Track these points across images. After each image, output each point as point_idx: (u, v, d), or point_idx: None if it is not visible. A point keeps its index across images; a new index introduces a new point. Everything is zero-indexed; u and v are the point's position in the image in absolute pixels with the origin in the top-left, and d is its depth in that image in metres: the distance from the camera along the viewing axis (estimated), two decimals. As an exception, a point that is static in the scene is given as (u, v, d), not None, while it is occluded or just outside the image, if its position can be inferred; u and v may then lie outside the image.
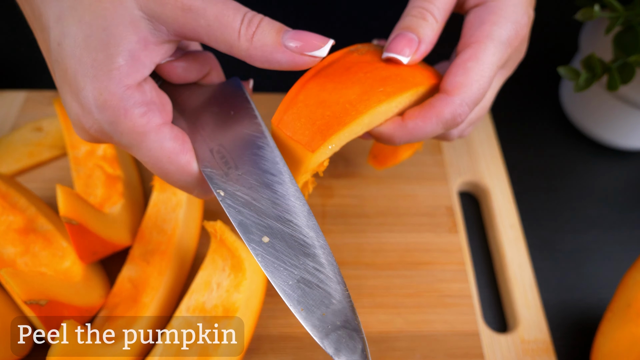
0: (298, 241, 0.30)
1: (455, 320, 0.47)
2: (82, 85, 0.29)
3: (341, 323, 0.28)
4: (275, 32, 0.30)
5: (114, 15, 0.29)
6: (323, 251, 0.30)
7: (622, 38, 0.46)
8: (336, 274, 0.30)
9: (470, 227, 0.55)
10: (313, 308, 0.28)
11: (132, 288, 0.45)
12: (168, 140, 0.31)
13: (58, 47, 0.30)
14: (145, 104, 0.30)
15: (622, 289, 0.44)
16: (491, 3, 0.36)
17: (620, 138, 0.59)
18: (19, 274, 0.39)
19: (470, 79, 0.35)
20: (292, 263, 0.29)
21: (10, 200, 0.46)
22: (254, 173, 0.31)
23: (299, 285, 0.29)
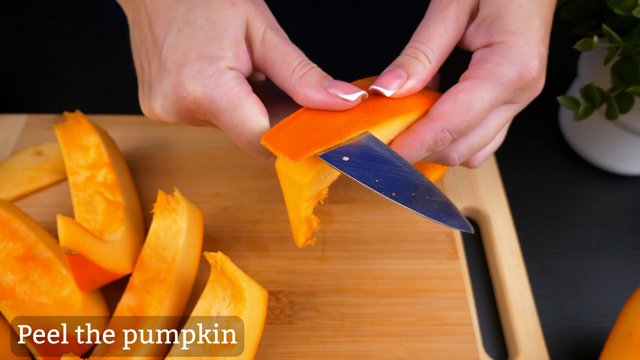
0: (373, 156, 0.35)
1: (456, 349, 0.47)
2: (194, 58, 0.36)
3: (430, 197, 0.33)
4: (320, 78, 0.37)
5: (234, 22, 0.37)
6: (399, 160, 0.35)
7: (621, 68, 0.46)
8: (415, 172, 0.34)
9: (471, 253, 0.55)
10: (403, 191, 0.33)
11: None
12: (255, 104, 0.37)
13: (178, 32, 0.37)
14: (238, 77, 0.37)
15: (623, 318, 0.44)
16: (498, 45, 0.37)
17: (620, 163, 0.59)
18: (19, 306, 0.39)
19: (455, 109, 0.36)
20: (374, 169, 0.34)
21: (10, 227, 0.46)
22: None
23: (384, 181, 0.34)
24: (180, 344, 0.42)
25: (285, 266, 0.51)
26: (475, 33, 0.39)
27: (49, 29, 0.76)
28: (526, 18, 0.37)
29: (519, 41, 0.36)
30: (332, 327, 0.47)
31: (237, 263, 0.50)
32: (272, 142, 0.35)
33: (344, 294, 0.49)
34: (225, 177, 0.57)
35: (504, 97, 0.37)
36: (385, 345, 0.47)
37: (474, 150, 0.42)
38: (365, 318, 0.48)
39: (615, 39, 0.45)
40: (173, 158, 0.59)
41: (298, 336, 0.47)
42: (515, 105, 0.40)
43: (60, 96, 0.68)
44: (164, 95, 0.38)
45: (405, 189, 0.33)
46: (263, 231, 0.53)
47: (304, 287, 0.50)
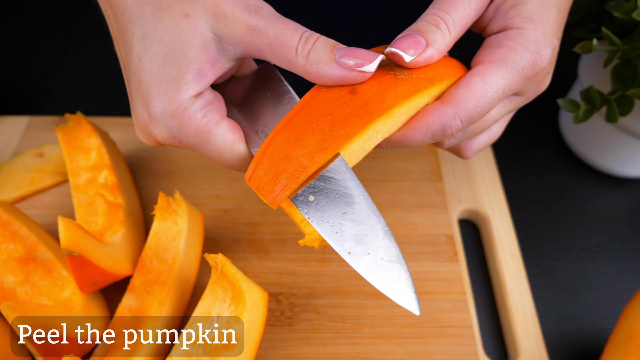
0: (340, 194, 0.33)
1: (456, 351, 0.47)
2: (154, 96, 0.33)
3: (384, 259, 0.32)
4: (329, 50, 0.33)
5: (189, 38, 0.33)
6: (363, 198, 0.33)
7: (621, 71, 0.47)
8: (378, 218, 0.33)
9: (471, 255, 0.55)
10: (357, 248, 0.32)
11: (132, 318, 0.45)
12: (227, 133, 0.35)
13: (138, 62, 0.34)
14: (205, 106, 0.34)
15: (623, 320, 0.44)
16: (513, 30, 0.36)
17: (620, 166, 0.59)
18: (20, 307, 0.39)
19: (470, 94, 0.34)
20: (336, 214, 0.32)
21: (11, 228, 0.46)
22: None
23: (342, 234, 0.32)
24: (180, 345, 0.42)
25: (285, 268, 0.51)
26: (493, 15, 0.37)
27: (50, 30, 0.76)
28: (546, 7, 0.36)
29: (536, 30, 0.35)
30: (332, 328, 0.47)
31: (238, 265, 0.50)
32: (255, 184, 0.34)
33: (344, 296, 0.49)
34: (225, 179, 0.58)
35: (517, 85, 0.36)
36: (385, 347, 0.47)
37: (467, 135, 0.40)
38: (366, 320, 0.48)
39: (615, 42, 0.45)
40: (174, 160, 0.59)
41: (298, 338, 0.47)
42: (520, 97, 0.39)
43: (61, 98, 0.68)
44: (141, 128, 0.36)
45: (361, 244, 0.32)
46: (263, 233, 0.53)
47: (304, 289, 0.50)
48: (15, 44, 0.74)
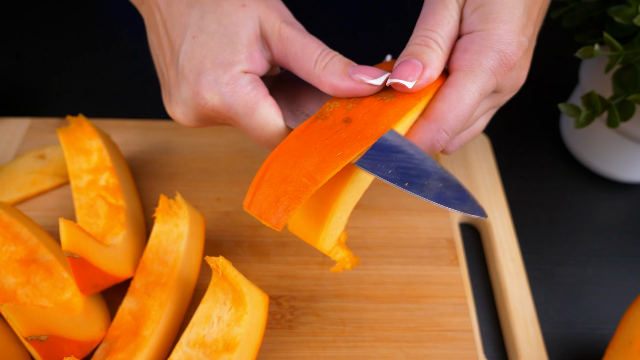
0: (386, 145, 0.35)
1: (457, 355, 0.47)
2: (209, 67, 0.37)
3: (442, 184, 0.34)
4: (344, 65, 0.37)
5: (245, 25, 0.38)
6: (410, 147, 0.35)
7: (622, 76, 0.47)
8: (428, 157, 0.35)
9: (471, 259, 0.55)
10: (415, 180, 0.34)
11: (132, 321, 0.45)
12: (272, 107, 0.38)
13: (192, 39, 0.38)
14: (253, 81, 0.38)
15: (623, 325, 0.44)
16: (476, 33, 0.37)
17: (620, 171, 0.59)
18: (20, 308, 0.39)
19: (448, 106, 0.36)
20: (386, 159, 0.34)
21: (12, 230, 0.46)
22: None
23: (397, 171, 0.34)
24: (180, 348, 0.42)
25: (286, 271, 0.51)
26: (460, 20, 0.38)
27: (52, 32, 0.76)
28: (509, 6, 0.36)
29: (498, 29, 0.36)
30: (332, 332, 0.47)
31: (238, 268, 0.51)
32: (255, 210, 0.34)
33: (345, 299, 0.49)
34: (227, 181, 0.58)
35: (490, 85, 0.37)
36: (385, 351, 0.47)
37: (461, 144, 0.43)
38: (366, 323, 0.48)
39: (617, 47, 0.45)
40: (175, 162, 0.59)
41: (299, 341, 0.47)
42: (498, 94, 0.40)
43: (63, 100, 0.68)
44: (184, 102, 0.39)
45: (418, 178, 0.34)
46: (264, 236, 0.53)
47: (304, 292, 0.50)
48: (17, 47, 0.74)
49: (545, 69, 0.75)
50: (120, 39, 0.76)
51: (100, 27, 0.78)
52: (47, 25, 0.77)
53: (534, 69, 0.76)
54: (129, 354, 0.43)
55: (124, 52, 0.74)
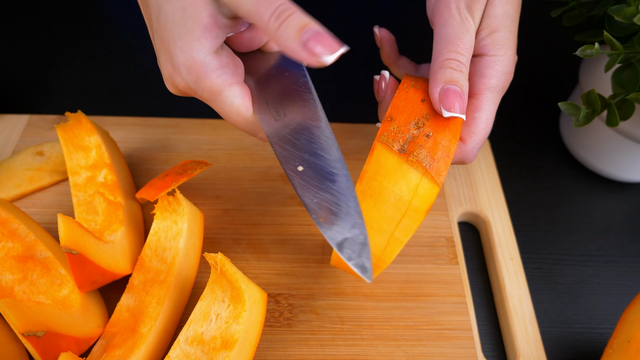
0: (325, 170, 0.36)
1: (455, 353, 0.47)
2: (174, 52, 0.36)
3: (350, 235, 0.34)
4: (298, 29, 0.32)
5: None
6: (345, 179, 0.36)
7: (622, 75, 0.47)
8: (354, 197, 0.35)
9: (470, 258, 0.55)
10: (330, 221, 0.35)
11: (130, 318, 0.45)
12: (237, 97, 0.38)
13: (156, 20, 0.37)
14: (221, 67, 0.37)
15: (622, 324, 0.44)
16: (489, 58, 0.41)
17: (619, 171, 0.59)
18: (17, 304, 0.39)
19: (479, 127, 0.41)
20: (319, 187, 0.35)
21: (10, 227, 0.46)
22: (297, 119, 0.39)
23: (321, 203, 0.35)
24: (178, 345, 0.42)
25: (284, 269, 0.51)
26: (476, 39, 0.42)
27: (51, 29, 0.76)
28: (512, 33, 0.41)
29: (506, 54, 0.41)
30: (331, 330, 0.47)
31: (237, 265, 0.50)
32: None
33: (344, 298, 0.49)
34: (225, 179, 0.58)
35: (499, 99, 0.42)
36: (384, 349, 0.46)
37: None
38: (365, 322, 0.48)
39: (616, 46, 0.45)
40: (174, 160, 0.59)
41: (297, 339, 0.47)
42: None
43: (61, 97, 0.68)
44: (167, 79, 0.39)
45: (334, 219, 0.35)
46: (263, 234, 0.53)
47: (303, 290, 0.50)
48: (16, 44, 0.74)
49: (545, 68, 0.75)
50: (119, 36, 0.76)
51: (99, 24, 0.78)
52: (46, 22, 0.77)
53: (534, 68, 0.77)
54: (127, 351, 0.42)
55: (122, 49, 0.74)
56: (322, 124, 0.38)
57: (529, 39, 0.74)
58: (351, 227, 0.34)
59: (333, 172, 0.36)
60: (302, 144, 0.37)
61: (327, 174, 0.36)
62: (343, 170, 0.36)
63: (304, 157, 0.37)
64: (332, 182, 0.36)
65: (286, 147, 0.37)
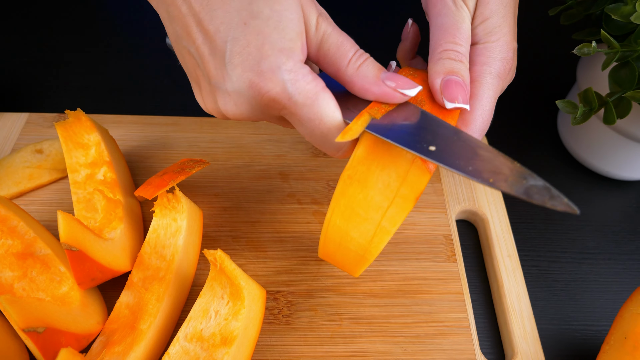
0: (459, 143, 0.35)
1: (453, 350, 0.47)
2: (269, 54, 0.35)
3: (523, 176, 0.34)
4: (377, 69, 0.37)
5: (297, 11, 0.36)
6: (481, 144, 0.35)
7: (619, 73, 0.47)
8: (500, 154, 0.35)
9: (468, 255, 0.55)
10: (497, 176, 0.33)
11: (130, 314, 0.45)
12: (332, 100, 0.37)
13: (244, 26, 0.36)
14: (311, 73, 0.37)
15: (618, 321, 0.44)
16: (481, 45, 0.41)
17: (616, 169, 0.60)
18: (17, 300, 0.39)
19: (474, 115, 0.40)
20: (463, 156, 0.34)
21: (9, 224, 0.46)
22: (393, 113, 0.38)
23: (477, 167, 0.34)
24: (178, 341, 0.42)
25: (283, 266, 0.51)
26: None
27: (51, 27, 0.76)
28: (506, 19, 0.41)
29: (499, 41, 0.40)
30: (330, 327, 0.47)
31: (236, 263, 0.51)
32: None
33: (342, 295, 0.50)
34: (224, 177, 0.58)
35: (500, 87, 0.41)
36: (382, 346, 0.47)
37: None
38: (363, 319, 0.48)
39: (614, 45, 0.45)
40: (173, 157, 0.59)
41: (296, 336, 0.47)
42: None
43: (61, 95, 0.68)
44: (238, 92, 0.37)
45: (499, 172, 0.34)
46: (262, 231, 0.54)
47: (302, 287, 0.50)
48: (16, 42, 0.74)
49: (543, 66, 0.75)
50: (119, 34, 0.76)
51: (99, 22, 0.78)
52: (46, 20, 0.77)
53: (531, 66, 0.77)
54: (126, 347, 0.42)
55: (122, 48, 0.74)
56: (419, 110, 0.38)
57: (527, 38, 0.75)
58: (519, 175, 0.34)
59: (467, 138, 0.36)
60: (414, 124, 0.37)
61: (462, 143, 0.35)
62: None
63: (427, 138, 0.36)
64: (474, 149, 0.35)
65: (405, 133, 0.36)
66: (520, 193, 0.33)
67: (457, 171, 0.33)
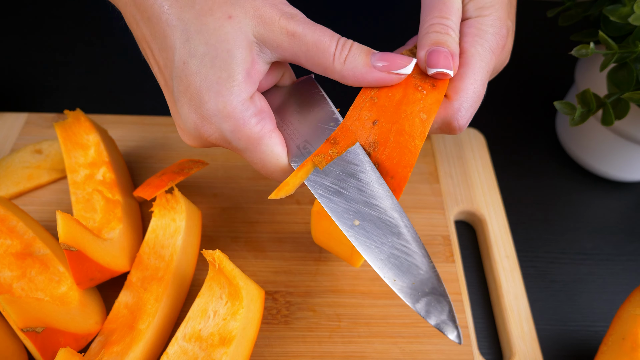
0: (385, 222, 0.33)
1: (451, 350, 0.47)
2: (207, 99, 0.34)
3: (429, 290, 0.32)
4: (365, 55, 0.34)
5: (235, 40, 0.34)
6: (407, 230, 0.33)
7: (617, 74, 0.47)
8: (421, 248, 0.33)
9: (467, 256, 0.55)
10: (403, 278, 0.32)
11: (128, 314, 0.45)
12: (277, 145, 0.36)
13: (183, 65, 0.34)
14: (259, 113, 0.35)
15: (616, 322, 0.44)
16: (473, 19, 0.39)
17: (615, 170, 0.60)
18: (16, 300, 0.39)
19: (466, 83, 0.37)
20: (381, 241, 0.33)
21: (8, 224, 0.46)
22: (338, 164, 0.35)
23: (389, 260, 0.33)
24: (176, 341, 0.42)
25: (282, 267, 0.51)
26: None
27: (50, 27, 0.76)
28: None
29: (492, 15, 0.39)
30: (328, 327, 0.48)
31: (235, 263, 0.51)
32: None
33: (341, 295, 0.50)
34: (223, 177, 0.58)
35: (492, 63, 0.39)
36: (381, 346, 0.47)
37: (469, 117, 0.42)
38: (362, 319, 0.48)
39: (612, 46, 0.45)
40: (172, 158, 0.59)
41: (294, 336, 0.47)
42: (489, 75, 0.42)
43: (60, 95, 0.68)
44: (188, 130, 0.37)
45: (407, 274, 0.32)
46: (261, 232, 0.54)
47: (300, 287, 0.50)
48: (15, 42, 0.74)
49: (541, 67, 0.75)
50: (118, 35, 0.76)
51: (98, 22, 0.78)
52: (45, 20, 0.77)
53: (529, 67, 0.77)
54: (125, 347, 0.43)
55: (121, 48, 0.74)
56: (367, 167, 0.35)
57: (526, 39, 0.75)
58: (430, 285, 0.32)
59: (392, 223, 0.33)
60: (351, 193, 0.34)
61: (386, 225, 0.33)
62: (403, 219, 0.34)
63: (357, 208, 0.34)
64: (394, 234, 0.33)
65: (334, 199, 0.34)
66: (410, 303, 0.32)
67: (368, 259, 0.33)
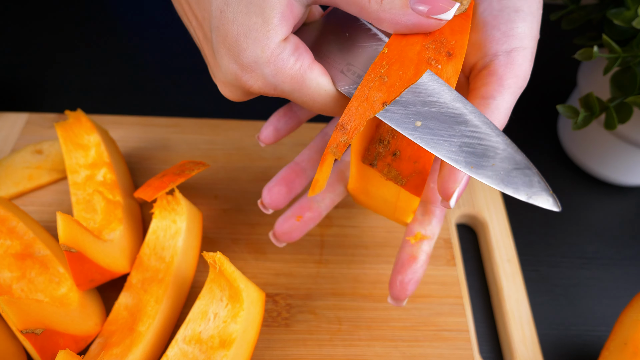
0: (447, 115, 0.32)
1: (452, 354, 0.47)
2: (244, 47, 0.33)
3: (512, 166, 0.30)
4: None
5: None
6: (474, 115, 0.32)
7: (620, 78, 0.47)
8: (493, 129, 0.31)
9: (468, 259, 0.55)
10: (481, 162, 0.31)
11: (128, 316, 0.45)
12: (320, 76, 0.34)
13: (220, 14, 0.34)
14: (295, 51, 0.34)
15: (618, 327, 0.44)
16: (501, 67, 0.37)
17: (617, 174, 0.60)
18: (16, 301, 0.39)
19: (500, 115, 0.35)
20: (449, 134, 0.31)
21: (8, 225, 0.46)
22: None
23: (462, 150, 0.31)
24: (176, 344, 0.42)
25: (283, 269, 0.51)
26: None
27: (50, 27, 0.76)
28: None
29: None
30: (329, 330, 0.47)
31: (235, 265, 0.51)
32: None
33: (341, 298, 0.49)
34: (224, 179, 0.58)
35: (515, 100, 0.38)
36: (381, 350, 0.47)
37: None
38: (362, 322, 0.48)
39: (615, 50, 0.45)
40: (172, 159, 0.59)
41: (295, 339, 0.47)
42: None
43: (61, 96, 0.68)
44: (229, 82, 0.36)
45: (484, 158, 0.31)
46: (261, 234, 0.53)
47: (301, 290, 0.50)
48: (15, 42, 0.74)
49: (544, 70, 0.75)
50: (119, 35, 0.76)
51: (99, 22, 0.78)
52: (46, 20, 0.77)
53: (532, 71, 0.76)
54: (125, 349, 0.42)
55: (122, 48, 0.74)
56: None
57: (528, 42, 0.74)
58: (512, 162, 0.30)
59: (456, 113, 0.32)
60: (405, 98, 0.32)
61: (450, 117, 0.32)
62: (467, 106, 0.32)
63: (416, 110, 0.32)
64: (461, 123, 0.31)
65: (389, 108, 0.32)
66: (496, 185, 0.30)
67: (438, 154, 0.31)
